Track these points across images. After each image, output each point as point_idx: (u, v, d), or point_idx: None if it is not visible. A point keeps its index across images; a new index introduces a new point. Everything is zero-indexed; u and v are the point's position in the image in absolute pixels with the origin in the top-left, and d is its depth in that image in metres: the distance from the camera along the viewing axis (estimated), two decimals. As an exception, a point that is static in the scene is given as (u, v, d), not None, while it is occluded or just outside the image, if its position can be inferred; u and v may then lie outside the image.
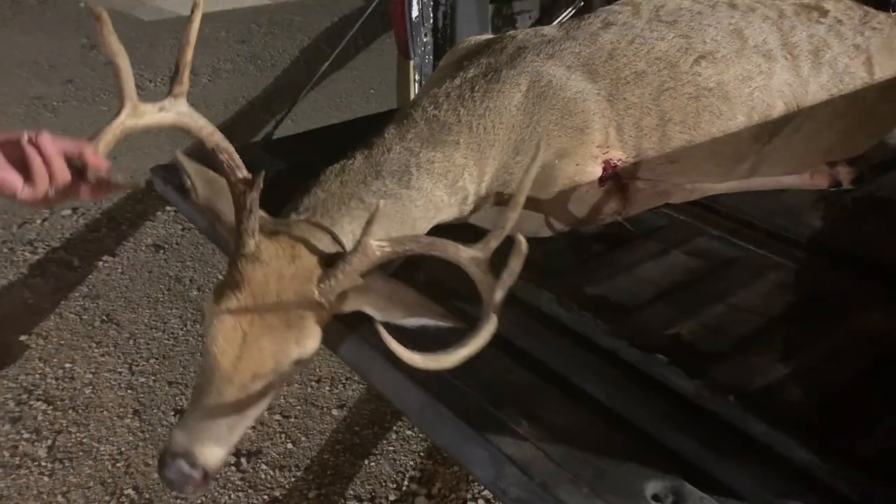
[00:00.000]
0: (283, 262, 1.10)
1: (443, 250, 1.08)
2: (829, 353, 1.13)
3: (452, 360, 0.99)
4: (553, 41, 1.40)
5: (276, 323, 1.09)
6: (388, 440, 2.35)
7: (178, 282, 3.07)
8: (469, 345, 1.00)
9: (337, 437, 2.36)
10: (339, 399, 2.50)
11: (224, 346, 1.08)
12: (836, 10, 1.57)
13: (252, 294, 1.08)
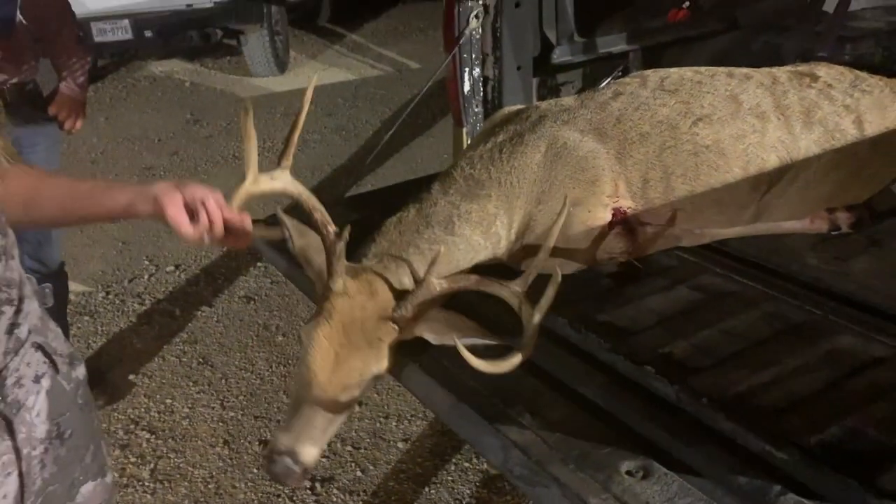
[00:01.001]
0: (365, 297, 1.38)
1: (489, 286, 1.34)
2: (794, 369, 1.32)
3: (508, 366, 1.23)
4: (569, 110, 1.67)
5: (361, 345, 1.36)
6: (448, 471, 2.57)
7: (266, 329, 3.41)
8: (519, 354, 1.24)
9: (401, 466, 2.60)
10: (404, 433, 2.74)
11: (321, 363, 1.35)
12: (827, 76, 1.78)
13: (341, 322, 1.36)
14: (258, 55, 7.29)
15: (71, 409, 1.10)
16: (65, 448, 1.09)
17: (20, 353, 1.02)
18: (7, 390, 0.99)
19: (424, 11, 10.42)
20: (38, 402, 1.04)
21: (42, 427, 1.05)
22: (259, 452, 2.68)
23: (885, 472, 1.08)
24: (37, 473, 1.04)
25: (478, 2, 2.15)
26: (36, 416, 1.04)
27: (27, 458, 1.02)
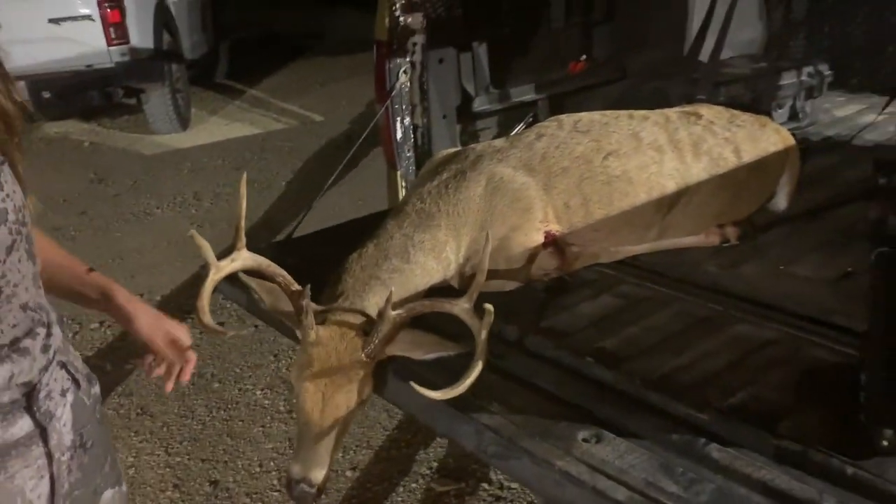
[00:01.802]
0: (337, 341, 1.57)
1: (440, 307, 1.56)
2: (704, 352, 1.61)
3: (461, 389, 1.43)
4: (501, 150, 1.94)
5: (341, 382, 1.55)
6: (396, 493, 2.73)
7: (201, 377, 3.48)
8: (470, 376, 1.44)
9: (352, 493, 2.74)
10: (351, 463, 2.88)
11: (311, 405, 1.54)
12: (709, 114, 2.14)
13: (321, 367, 1.55)
14: (160, 113, 7.32)
15: (91, 421, 1.22)
16: (87, 456, 1.21)
17: (49, 370, 1.14)
18: (41, 402, 1.11)
19: (322, 67, 10.71)
20: (65, 413, 1.16)
21: (68, 436, 1.16)
22: (210, 492, 2.76)
23: (782, 421, 1.36)
24: (65, 478, 1.15)
25: (406, 59, 2.41)
26: (63, 426, 1.15)
27: (57, 462, 1.13)
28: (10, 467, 1.07)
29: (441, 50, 2.50)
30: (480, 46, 2.72)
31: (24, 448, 1.09)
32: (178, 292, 4.26)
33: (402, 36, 2.38)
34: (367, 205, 5.20)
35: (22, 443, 1.08)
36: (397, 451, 2.92)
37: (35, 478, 1.10)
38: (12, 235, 1.02)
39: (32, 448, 1.10)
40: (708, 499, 1.19)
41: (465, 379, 1.40)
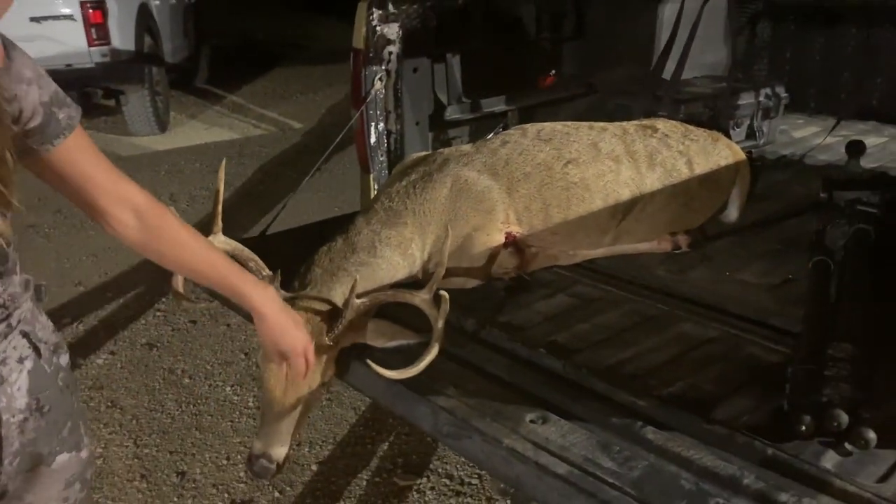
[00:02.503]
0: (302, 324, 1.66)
1: (402, 297, 1.66)
2: (649, 348, 1.72)
3: (416, 370, 1.54)
4: (467, 154, 2.05)
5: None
6: (360, 486, 2.81)
7: (172, 373, 3.54)
8: (426, 359, 1.54)
9: (316, 486, 2.82)
10: (317, 458, 2.96)
11: (274, 382, 1.62)
12: (664, 128, 2.26)
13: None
14: (139, 115, 7.37)
15: (51, 387, 1.29)
16: (44, 420, 1.28)
17: (8, 338, 1.22)
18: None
19: (300, 76, 10.81)
20: (20, 378, 1.23)
21: (22, 400, 1.23)
22: (177, 483, 2.82)
23: (715, 408, 1.48)
24: (15, 437, 1.23)
25: (381, 67, 2.52)
26: (17, 390, 1.23)
27: (6, 423, 1.21)
28: None
29: (416, 60, 2.61)
30: (454, 58, 2.84)
31: None
32: (152, 290, 4.31)
33: (379, 45, 2.49)
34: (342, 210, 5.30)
35: None
36: (362, 448, 3.00)
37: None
38: None
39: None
40: (640, 474, 1.29)
41: (420, 361, 1.49)
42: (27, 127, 1.16)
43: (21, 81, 1.13)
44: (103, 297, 4.24)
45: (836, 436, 1.32)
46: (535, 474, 1.33)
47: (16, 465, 1.25)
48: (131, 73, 7.01)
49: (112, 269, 4.60)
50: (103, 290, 4.33)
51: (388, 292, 1.70)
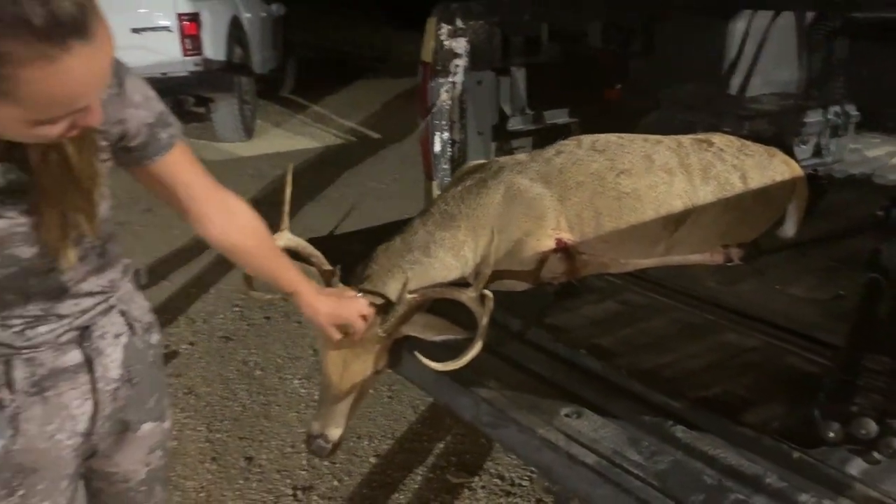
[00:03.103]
0: None
1: (451, 294, 1.77)
2: (689, 355, 1.77)
3: (459, 364, 1.64)
4: (522, 163, 2.14)
5: (360, 352, 1.77)
6: (415, 480, 2.92)
7: (245, 364, 3.74)
8: (469, 353, 1.65)
9: (373, 477, 2.94)
10: (375, 451, 3.09)
11: (332, 368, 1.77)
12: (720, 143, 2.30)
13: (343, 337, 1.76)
14: (227, 121, 7.73)
15: (141, 362, 1.44)
16: (134, 390, 1.43)
17: (108, 315, 1.37)
18: (93, 340, 1.35)
19: (381, 87, 11.10)
20: (116, 352, 1.38)
21: (115, 371, 1.39)
22: (245, 467, 2.99)
23: (745, 412, 1.52)
24: (108, 403, 1.38)
25: (447, 79, 2.65)
26: (111, 362, 1.38)
27: (101, 391, 1.36)
28: (59, 387, 1.32)
29: (481, 72, 2.73)
30: (519, 71, 2.94)
31: (72, 374, 1.33)
32: (231, 286, 4.56)
33: (446, 59, 2.61)
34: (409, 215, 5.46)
35: (70, 370, 1.33)
36: (419, 444, 3.11)
37: (80, 399, 1.34)
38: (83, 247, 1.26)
39: (80, 375, 1.34)
40: (664, 467, 1.36)
41: (463, 355, 1.59)
42: (130, 145, 1.27)
43: (130, 106, 1.24)
44: (186, 293, 4.51)
45: (864, 444, 1.36)
46: (565, 463, 1.42)
47: (107, 427, 1.41)
48: (221, 82, 7.36)
49: (195, 266, 4.87)
50: (186, 286, 4.60)
51: (438, 289, 1.81)
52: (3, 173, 1.11)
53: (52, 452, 1.32)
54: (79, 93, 0.97)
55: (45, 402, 1.30)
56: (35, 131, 0.99)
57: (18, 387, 1.27)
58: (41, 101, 0.94)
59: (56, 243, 1.18)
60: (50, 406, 1.31)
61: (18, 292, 1.22)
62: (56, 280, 1.25)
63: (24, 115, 0.95)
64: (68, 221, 1.17)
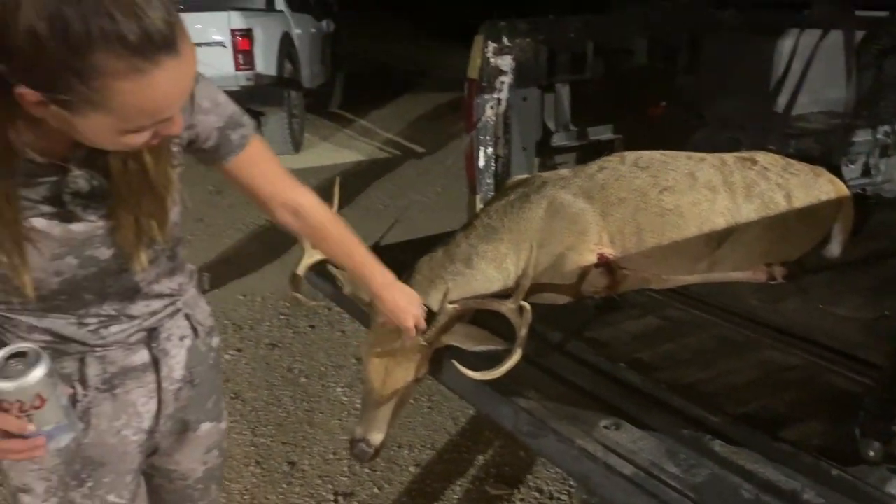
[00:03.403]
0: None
1: (490, 305, 1.81)
2: (729, 370, 1.78)
3: (498, 373, 1.68)
4: (565, 178, 2.18)
5: (401, 360, 1.82)
6: (454, 491, 2.95)
7: (290, 371, 3.83)
8: (507, 363, 1.68)
9: (413, 486, 2.99)
10: (415, 460, 3.13)
11: (374, 375, 1.82)
12: (764, 161, 2.31)
13: (385, 344, 1.82)
14: (276, 135, 7.89)
15: (202, 364, 1.51)
16: (194, 391, 1.49)
17: (174, 318, 1.44)
18: (160, 342, 1.41)
19: (427, 102, 11.22)
20: (180, 353, 1.45)
21: (179, 371, 1.45)
22: (288, 472, 3.06)
23: (785, 428, 1.53)
24: (171, 402, 1.45)
25: (493, 95, 2.70)
26: (176, 363, 1.44)
27: (165, 390, 1.43)
28: (127, 384, 1.39)
29: (526, 89, 2.78)
30: (563, 88, 2.98)
31: (140, 373, 1.40)
32: (277, 294, 4.66)
33: (492, 75, 2.67)
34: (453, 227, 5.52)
35: (139, 369, 1.40)
36: (458, 455, 3.15)
37: (146, 397, 1.41)
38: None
39: (147, 374, 1.41)
40: (702, 480, 1.38)
41: (501, 365, 1.63)
42: (203, 147, 1.35)
43: (199, 112, 1.30)
44: (234, 300, 4.63)
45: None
46: (602, 473, 1.44)
47: (169, 426, 1.48)
48: (272, 96, 7.54)
49: (244, 274, 5.00)
50: (234, 293, 4.72)
51: (478, 300, 1.85)
52: (88, 179, 1.18)
53: (118, 447, 1.39)
54: (165, 104, 1.04)
55: (114, 398, 1.37)
56: (123, 139, 1.06)
57: (91, 383, 1.34)
58: (131, 112, 1.01)
59: (130, 247, 1.25)
60: (118, 403, 1.38)
61: (96, 292, 1.29)
62: (130, 281, 1.32)
63: (114, 124, 1.02)
64: (142, 226, 1.24)
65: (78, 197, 1.18)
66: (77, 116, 1.00)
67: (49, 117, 1.02)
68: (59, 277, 1.22)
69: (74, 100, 0.98)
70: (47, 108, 0.99)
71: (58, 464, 1.34)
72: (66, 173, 1.16)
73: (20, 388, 1.04)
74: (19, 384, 1.04)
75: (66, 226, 1.19)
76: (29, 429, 1.08)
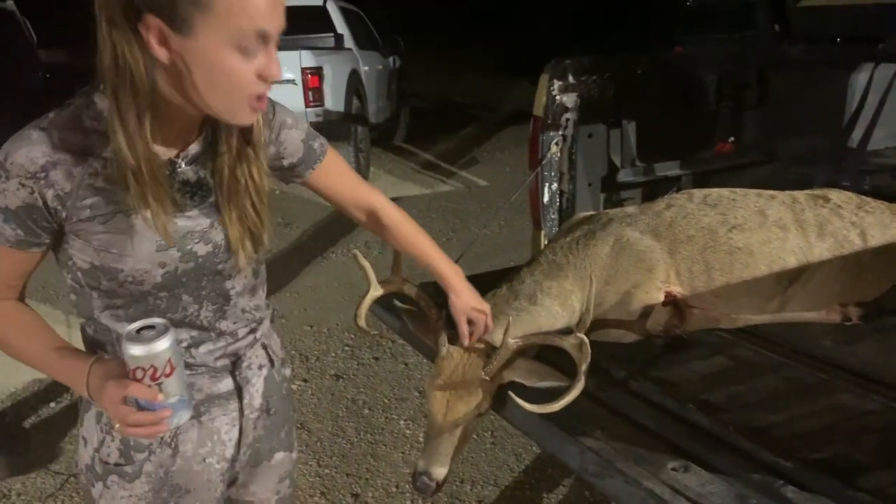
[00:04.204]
0: (463, 358, 1.85)
1: (552, 340, 1.81)
2: (803, 414, 1.73)
3: (554, 407, 1.67)
4: (631, 215, 2.18)
5: (463, 394, 1.83)
6: (516, 528, 2.94)
7: (354, 403, 3.87)
8: (565, 398, 1.68)
9: (475, 521, 2.98)
10: (478, 496, 3.12)
11: (437, 409, 1.83)
12: (837, 199, 2.26)
13: (448, 379, 1.84)
14: (343, 169, 8.09)
15: (277, 393, 1.55)
16: (270, 420, 1.54)
17: (254, 348, 1.49)
18: (242, 370, 1.46)
19: (490, 135, 11.33)
20: (259, 382, 1.50)
21: (258, 400, 1.50)
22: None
23: (862, 476, 1.48)
24: (251, 430, 1.49)
25: (558, 132, 2.72)
26: (255, 391, 1.49)
27: (247, 418, 1.47)
28: (212, 412, 1.43)
29: (592, 126, 2.79)
30: (630, 124, 2.98)
31: (224, 401, 1.45)
32: (342, 325, 4.74)
33: (557, 113, 2.69)
34: (517, 262, 5.52)
35: (223, 397, 1.45)
36: (520, 492, 3.12)
37: (229, 424, 1.46)
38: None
39: (230, 402, 1.45)
40: (773, 528, 1.34)
41: (559, 399, 1.62)
42: (292, 161, 1.47)
43: (285, 127, 1.43)
44: (301, 330, 4.72)
45: None
46: (670, 517, 1.42)
47: (247, 455, 1.52)
48: (339, 131, 7.73)
49: (311, 306, 5.10)
50: (301, 324, 4.81)
51: (540, 335, 1.85)
52: (195, 171, 1.29)
53: (203, 475, 1.44)
54: (263, 7, 1.13)
55: (200, 425, 1.42)
56: (235, 67, 1.14)
57: None
58: (234, 9, 1.10)
59: (235, 242, 1.32)
60: (204, 430, 1.43)
61: (192, 293, 1.34)
62: (222, 286, 1.37)
63: (221, 37, 1.11)
64: (246, 224, 1.33)
65: (186, 186, 1.28)
66: (190, 39, 1.10)
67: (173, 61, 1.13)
68: (162, 269, 1.28)
69: (182, 12, 1.08)
70: (168, 43, 1.11)
71: (146, 491, 1.39)
72: (175, 168, 1.27)
73: (154, 353, 1.11)
74: (152, 347, 1.11)
75: (172, 218, 1.26)
76: (158, 398, 1.14)
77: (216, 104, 1.17)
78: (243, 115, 1.21)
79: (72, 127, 1.20)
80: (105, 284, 1.27)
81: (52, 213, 1.21)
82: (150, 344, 1.11)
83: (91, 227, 1.23)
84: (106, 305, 1.31)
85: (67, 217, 1.22)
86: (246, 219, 1.33)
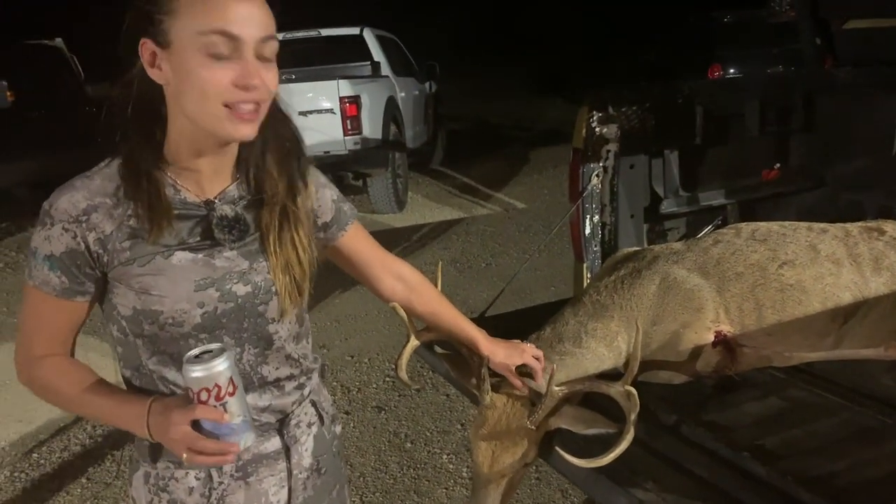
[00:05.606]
0: (507, 407, 1.81)
1: (598, 387, 1.76)
2: (863, 461, 1.66)
3: (604, 461, 1.62)
4: (678, 252, 2.12)
5: (508, 444, 1.78)
6: (563, 568, 2.87)
7: (396, 436, 3.85)
8: (613, 451, 1.62)
9: (521, 562, 2.92)
10: (523, 534, 3.07)
11: (482, 459, 1.79)
12: (893, 231, 2.17)
13: (492, 428, 1.80)
14: (381, 195, 8.14)
15: (328, 452, 1.52)
16: (320, 480, 1.50)
17: (302, 405, 1.46)
18: (290, 428, 1.43)
19: (527, 157, 11.30)
20: (308, 441, 1.46)
21: (308, 459, 1.46)
22: (395, 541, 3.05)
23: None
24: (300, 492, 1.45)
25: (599, 164, 2.68)
26: (305, 451, 1.46)
27: (295, 478, 1.44)
28: (260, 472, 1.40)
29: (633, 157, 2.74)
30: (672, 154, 2.92)
31: (272, 461, 1.42)
32: (383, 356, 4.73)
33: (597, 144, 2.65)
34: (557, 291, 5.47)
35: (271, 457, 1.42)
36: (567, 530, 3.06)
37: (277, 486, 1.43)
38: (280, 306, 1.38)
39: (278, 462, 1.43)
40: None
41: (607, 453, 1.57)
42: (326, 221, 1.47)
43: (320, 186, 1.45)
44: (342, 360, 4.72)
45: None
46: (728, 578, 1.36)
47: None
48: (377, 158, 7.79)
49: (351, 335, 5.11)
50: (343, 353, 4.82)
51: (586, 381, 1.80)
52: (232, 207, 1.32)
53: None
54: (225, 10, 1.15)
55: (247, 487, 1.39)
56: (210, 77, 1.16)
57: (226, 470, 1.37)
58: (198, 8, 1.13)
59: (280, 286, 1.32)
60: (252, 491, 1.40)
61: (234, 333, 1.33)
62: (264, 329, 1.36)
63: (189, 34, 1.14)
64: (290, 267, 1.34)
65: (223, 221, 1.29)
66: (169, 50, 1.16)
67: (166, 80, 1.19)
68: (201, 309, 1.28)
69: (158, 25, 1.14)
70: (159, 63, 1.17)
71: None
72: (212, 207, 1.30)
73: (216, 371, 1.13)
74: (213, 366, 1.13)
75: (209, 259, 1.28)
76: (224, 418, 1.14)
77: (193, 112, 1.20)
78: (229, 127, 1.20)
79: (113, 173, 1.25)
80: (147, 329, 1.28)
81: (95, 259, 1.24)
82: (210, 362, 1.13)
83: (131, 270, 1.25)
84: (152, 352, 1.31)
85: (109, 262, 1.24)
86: (290, 268, 1.33)
